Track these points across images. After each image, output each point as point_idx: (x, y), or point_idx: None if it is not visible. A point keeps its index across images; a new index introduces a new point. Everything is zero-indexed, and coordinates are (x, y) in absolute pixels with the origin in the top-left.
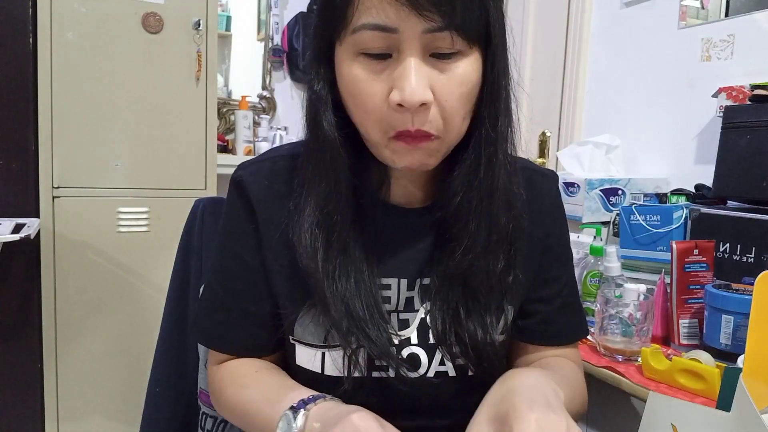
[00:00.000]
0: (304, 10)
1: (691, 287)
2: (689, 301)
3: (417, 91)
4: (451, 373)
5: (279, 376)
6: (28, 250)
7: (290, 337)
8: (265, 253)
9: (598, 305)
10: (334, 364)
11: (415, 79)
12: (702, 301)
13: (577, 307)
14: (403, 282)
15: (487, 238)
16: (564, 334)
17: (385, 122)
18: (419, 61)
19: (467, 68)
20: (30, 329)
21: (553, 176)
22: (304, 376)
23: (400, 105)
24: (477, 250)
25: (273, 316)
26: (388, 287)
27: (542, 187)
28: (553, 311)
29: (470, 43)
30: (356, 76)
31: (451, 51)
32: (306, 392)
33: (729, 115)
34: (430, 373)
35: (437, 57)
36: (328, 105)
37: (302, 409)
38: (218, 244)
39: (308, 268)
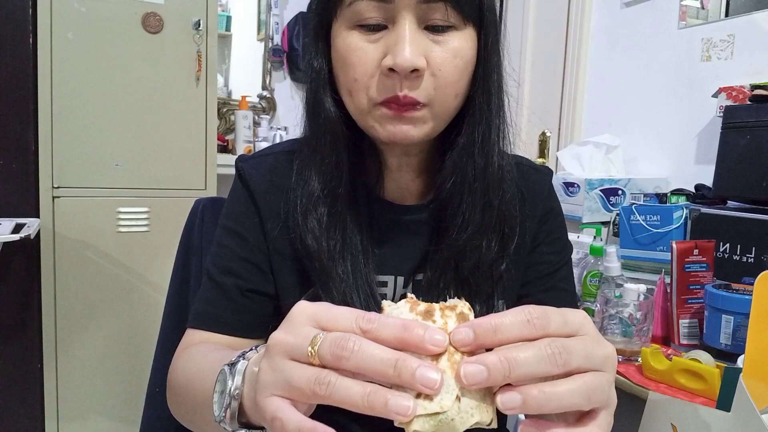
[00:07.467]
0: (304, 10)
1: (691, 287)
2: (689, 301)
3: (411, 56)
4: None
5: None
6: (28, 250)
7: None
8: (267, 244)
9: (598, 305)
10: None
11: (410, 45)
12: (702, 301)
13: (572, 299)
14: (400, 279)
15: (480, 218)
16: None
17: (374, 89)
18: (414, 29)
19: (462, 43)
20: (30, 329)
21: (547, 172)
22: None
23: (391, 70)
24: (471, 229)
25: (267, 295)
26: (384, 284)
27: (536, 183)
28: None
29: (464, 19)
30: (350, 45)
31: (446, 24)
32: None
33: (729, 115)
34: None
35: (432, 30)
36: (327, 83)
37: (241, 360)
38: (220, 225)
39: (310, 247)
